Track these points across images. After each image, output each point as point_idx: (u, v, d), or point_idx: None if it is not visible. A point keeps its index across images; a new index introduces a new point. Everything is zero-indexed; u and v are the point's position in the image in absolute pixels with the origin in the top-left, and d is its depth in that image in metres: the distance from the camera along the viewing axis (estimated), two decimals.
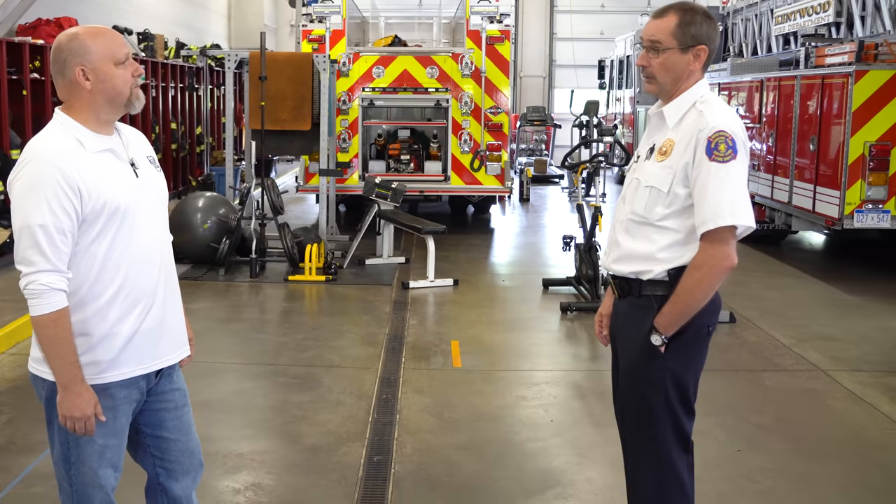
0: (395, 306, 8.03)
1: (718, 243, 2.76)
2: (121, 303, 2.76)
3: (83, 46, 2.69)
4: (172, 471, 3.02)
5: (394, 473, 4.50)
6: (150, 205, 2.86)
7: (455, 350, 6.71)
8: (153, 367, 2.88)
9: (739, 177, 2.78)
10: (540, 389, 5.83)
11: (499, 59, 11.58)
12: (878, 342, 7.01)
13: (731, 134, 2.78)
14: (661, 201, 2.87)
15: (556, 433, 5.11)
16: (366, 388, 5.82)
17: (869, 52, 8.55)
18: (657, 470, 3.00)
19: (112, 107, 2.76)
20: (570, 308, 7.76)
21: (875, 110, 8.42)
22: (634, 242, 2.96)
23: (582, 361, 6.57)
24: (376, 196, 9.60)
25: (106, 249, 2.72)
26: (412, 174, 11.70)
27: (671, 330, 2.86)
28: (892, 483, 4.49)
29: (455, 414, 5.39)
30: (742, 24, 13.70)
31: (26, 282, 2.63)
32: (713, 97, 2.92)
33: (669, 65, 2.90)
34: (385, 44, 12.17)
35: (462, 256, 10.35)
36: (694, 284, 2.80)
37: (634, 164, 3.06)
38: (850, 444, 5.00)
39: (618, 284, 3.06)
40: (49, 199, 2.60)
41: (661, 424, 2.95)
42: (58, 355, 2.65)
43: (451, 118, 11.62)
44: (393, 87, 11.51)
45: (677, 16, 2.89)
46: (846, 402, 5.65)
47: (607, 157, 10.51)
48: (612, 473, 4.42)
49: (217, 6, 16.13)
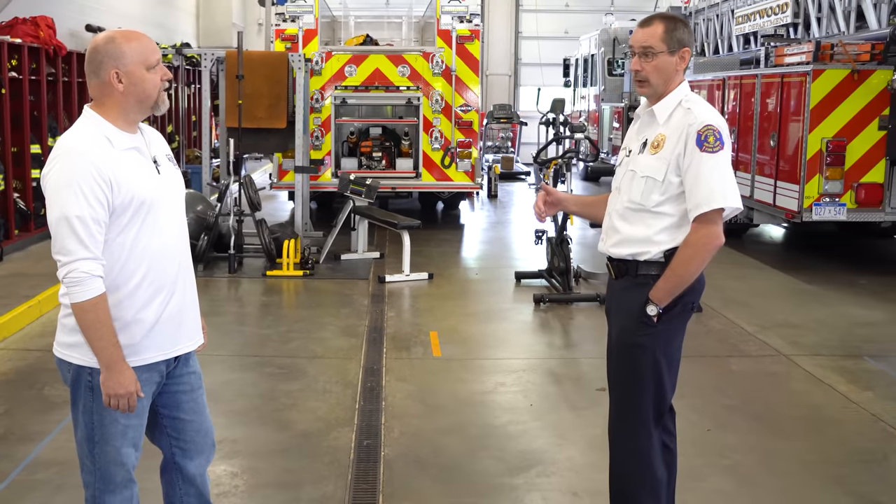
0: (372, 299, 8.25)
1: (709, 224, 3.11)
2: (145, 291, 2.93)
3: (119, 50, 2.86)
4: (187, 450, 3.20)
5: (384, 456, 4.72)
6: (170, 199, 3.04)
7: (434, 340, 6.95)
8: (173, 353, 3.06)
9: (727, 164, 3.13)
10: (518, 376, 6.09)
11: (469, 58, 11.83)
12: (834, 328, 7.37)
13: (718, 127, 3.13)
14: (657, 189, 3.19)
15: (536, 417, 5.36)
16: (350, 376, 6.03)
17: (825, 52, 8.92)
18: (633, 437, 3.34)
19: (140, 108, 2.93)
20: (543, 300, 8.02)
21: (831, 107, 8.79)
22: (632, 228, 3.27)
23: (556, 350, 6.83)
24: (351, 192, 9.79)
25: (132, 240, 2.89)
26: (384, 171, 11.90)
27: (665, 301, 3.18)
28: (849, 455, 4.81)
29: (438, 400, 5.62)
30: (704, 24, 14.09)
31: (67, 270, 2.77)
32: (695, 96, 3.27)
33: (661, 67, 3.22)
34: (357, 43, 12.36)
35: (434, 251, 10.58)
36: (688, 260, 3.13)
37: (626, 159, 3.37)
38: (810, 422, 5.33)
39: (615, 266, 3.36)
40: (85, 191, 2.76)
41: (646, 388, 3.27)
42: (99, 337, 2.81)
43: (423, 116, 11.85)
44: (365, 85, 11.72)
45: (663, 23, 3.23)
46: (806, 384, 5.98)
47: (577, 153, 10.78)
48: (591, 453, 4.69)
49: (186, 5, 16.20)
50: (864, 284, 9.03)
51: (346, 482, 4.40)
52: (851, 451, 4.88)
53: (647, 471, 3.36)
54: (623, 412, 3.40)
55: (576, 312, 7.85)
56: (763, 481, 4.47)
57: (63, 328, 2.98)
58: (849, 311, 7.96)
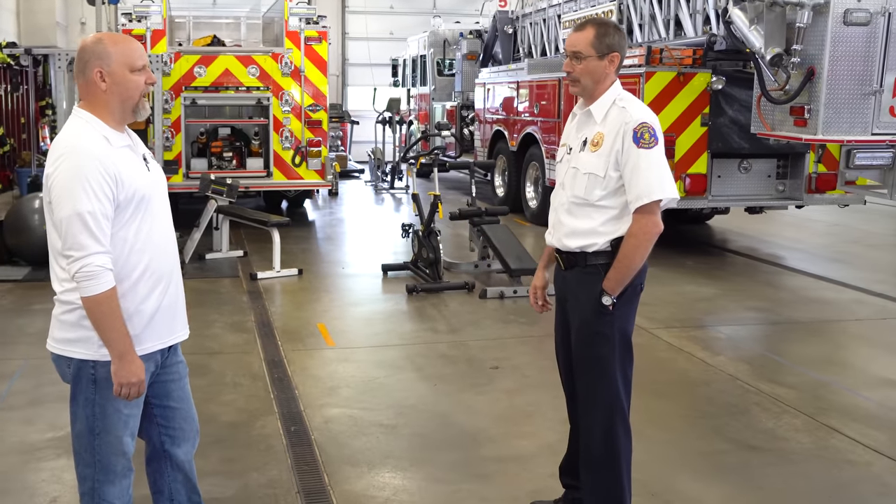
0: (250, 296, 8.39)
1: (649, 214, 3.43)
2: (146, 282, 3.08)
3: (105, 50, 3.00)
4: (175, 437, 3.36)
5: (314, 439, 5.00)
6: (160, 195, 3.22)
7: (324, 331, 7.23)
8: (169, 342, 3.24)
9: (662, 158, 3.44)
10: (414, 360, 6.48)
11: (317, 59, 12.06)
12: (678, 304, 8.26)
13: (652, 124, 3.43)
14: (599, 185, 3.50)
15: (444, 395, 5.79)
16: (255, 369, 6.23)
17: (655, 55, 9.86)
18: (608, 414, 3.59)
19: (123, 108, 3.05)
20: (416, 289, 8.45)
21: (662, 106, 9.73)
22: (578, 221, 3.58)
23: (442, 334, 7.27)
24: (212, 193, 9.82)
25: (134, 233, 3.04)
26: (235, 171, 11.93)
27: (618, 290, 3.49)
28: (719, 409, 5.56)
29: (348, 385, 5.94)
30: (531, 27, 14.95)
31: (81, 265, 2.87)
32: (628, 95, 3.59)
33: (590, 70, 3.53)
34: (205, 43, 12.29)
35: (295, 248, 10.77)
36: (633, 250, 3.45)
37: (567, 156, 3.70)
38: (680, 385, 6.07)
39: (564, 258, 3.67)
40: (94, 187, 2.89)
41: (611, 372, 3.58)
42: (112, 328, 2.94)
43: (273, 116, 11.97)
44: (215, 86, 11.70)
45: (594, 28, 3.54)
46: (669, 353, 6.75)
47: (443, 150, 11.28)
48: (504, 425, 5.17)
49: (6, 2, 15.31)
50: (692, 265, 10.08)
51: (288, 466, 4.65)
52: (720, 405, 5.64)
53: (624, 451, 3.62)
54: (593, 398, 3.61)
55: (448, 300, 8.33)
56: (654, 435, 5.10)
57: (62, 325, 3.07)
58: (685, 289, 8.91)
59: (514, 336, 7.20)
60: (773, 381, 6.08)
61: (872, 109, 7.99)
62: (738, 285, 9.17)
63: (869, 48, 7.90)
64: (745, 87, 9.64)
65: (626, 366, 3.64)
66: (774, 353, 6.81)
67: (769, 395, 5.78)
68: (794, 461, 4.80)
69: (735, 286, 9.12)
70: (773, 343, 7.21)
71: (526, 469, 4.63)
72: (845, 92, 7.98)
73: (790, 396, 5.76)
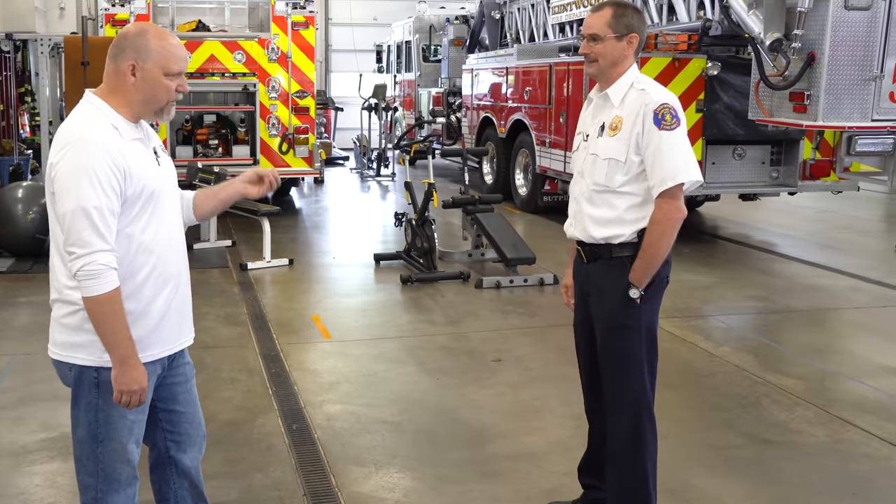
0: (241, 287, 8.21)
1: (672, 199, 3.27)
2: (153, 282, 2.90)
3: (146, 45, 2.81)
4: (181, 443, 3.18)
5: (317, 438, 4.85)
6: (170, 191, 3.03)
7: (319, 324, 7.07)
8: (177, 348, 3.06)
9: (685, 140, 3.28)
10: (414, 353, 6.34)
11: (304, 45, 11.84)
12: (678, 293, 8.15)
13: (673, 105, 3.27)
14: (620, 170, 3.35)
15: (448, 388, 5.66)
16: (251, 363, 6.06)
17: (650, 41, 9.73)
18: (635, 409, 3.47)
19: (145, 107, 2.87)
20: (411, 279, 8.30)
21: None
22: (599, 210, 3.43)
23: (440, 326, 7.13)
24: (200, 181, 9.62)
25: (141, 231, 2.84)
26: (221, 159, 11.71)
27: (645, 282, 3.36)
28: (728, 401, 5.46)
29: (347, 380, 5.78)
30: (518, 13, 14.77)
31: (84, 262, 2.68)
32: (646, 78, 3.44)
33: (607, 51, 3.38)
34: (189, 29, 12.03)
35: (284, 237, 10.58)
36: (658, 238, 3.31)
37: (584, 143, 3.54)
38: (686, 375, 5.97)
39: (588, 251, 3.52)
40: (101, 181, 2.69)
41: (638, 366, 3.46)
42: (115, 331, 2.75)
43: (259, 102, 11.75)
44: (200, 72, 11.45)
45: (612, 9, 3.39)
46: (673, 343, 6.65)
47: (439, 137, 11.11)
48: (512, 420, 5.04)
49: None
50: (688, 253, 9.97)
51: (292, 466, 4.50)
52: (729, 397, 5.54)
53: (651, 449, 3.51)
54: (620, 392, 3.51)
55: (443, 290, 8.19)
56: (665, 429, 4.90)
57: (63, 328, 2.90)
58: (683, 277, 8.80)
59: (514, 327, 7.07)
60: (779, 371, 5.99)
61: (872, 95, 7.91)
62: (734, 273, 9.09)
63: (870, 33, 7.81)
64: (740, 73, 9.54)
65: (652, 361, 3.53)
66: (777, 343, 6.73)
67: (777, 387, 5.68)
68: (809, 455, 4.71)
69: (731, 274, 9.04)
70: (774, 332, 7.12)
71: (538, 467, 4.51)
72: (845, 77, 7.89)
73: (799, 388, 5.67)
